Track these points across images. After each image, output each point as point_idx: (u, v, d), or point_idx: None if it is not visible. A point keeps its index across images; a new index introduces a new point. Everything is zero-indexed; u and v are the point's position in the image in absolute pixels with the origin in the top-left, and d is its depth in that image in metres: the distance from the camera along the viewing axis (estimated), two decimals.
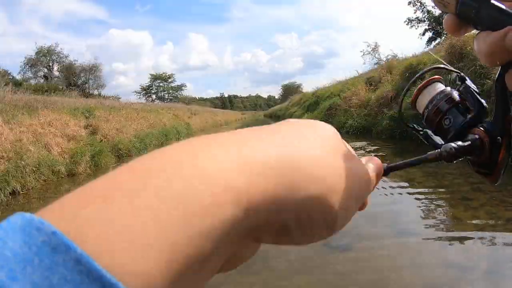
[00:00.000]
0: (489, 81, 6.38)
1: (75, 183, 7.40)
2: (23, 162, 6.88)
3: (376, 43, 27.36)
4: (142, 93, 56.06)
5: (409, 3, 35.12)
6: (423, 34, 35.91)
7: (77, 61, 38.86)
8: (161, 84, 57.77)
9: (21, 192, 6.33)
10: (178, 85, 59.10)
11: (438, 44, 28.41)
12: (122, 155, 11.51)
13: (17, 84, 24.85)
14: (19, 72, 35.76)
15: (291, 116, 28.53)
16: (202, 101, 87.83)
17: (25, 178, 6.69)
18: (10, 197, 5.96)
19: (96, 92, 36.62)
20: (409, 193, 4.59)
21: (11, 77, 30.27)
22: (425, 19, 35.04)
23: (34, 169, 7.10)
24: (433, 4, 0.32)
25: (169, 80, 58.10)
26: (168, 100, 52.45)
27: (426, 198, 4.30)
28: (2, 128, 7.72)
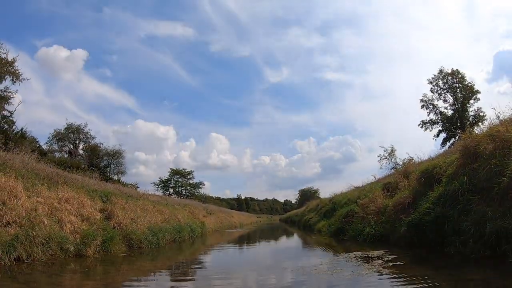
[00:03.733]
0: (505, 178, 6.37)
1: (81, 266, 7.21)
2: (34, 232, 6.86)
3: (392, 147, 27.66)
4: (160, 186, 56.44)
5: (422, 106, 36.88)
6: (437, 135, 36.76)
7: (102, 144, 40.19)
8: (179, 180, 58.50)
9: (26, 261, 6.21)
10: (196, 183, 59.76)
11: (453, 144, 28.83)
12: (133, 245, 11.32)
13: (42, 153, 25.36)
14: (46, 143, 36.87)
15: (307, 222, 27.84)
16: (218, 200, 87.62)
17: (32, 248, 6.61)
18: (15, 263, 5.86)
19: (116, 177, 37.16)
20: None
21: (38, 145, 31.21)
22: (438, 120, 36.32)
23: (43, 241, 7.04)
24: (445, 105, 0.34)
25: (188, 177, 59.05)
26: (185, 196, 52.47)
27: None
28: (21, 194, 7.85)
